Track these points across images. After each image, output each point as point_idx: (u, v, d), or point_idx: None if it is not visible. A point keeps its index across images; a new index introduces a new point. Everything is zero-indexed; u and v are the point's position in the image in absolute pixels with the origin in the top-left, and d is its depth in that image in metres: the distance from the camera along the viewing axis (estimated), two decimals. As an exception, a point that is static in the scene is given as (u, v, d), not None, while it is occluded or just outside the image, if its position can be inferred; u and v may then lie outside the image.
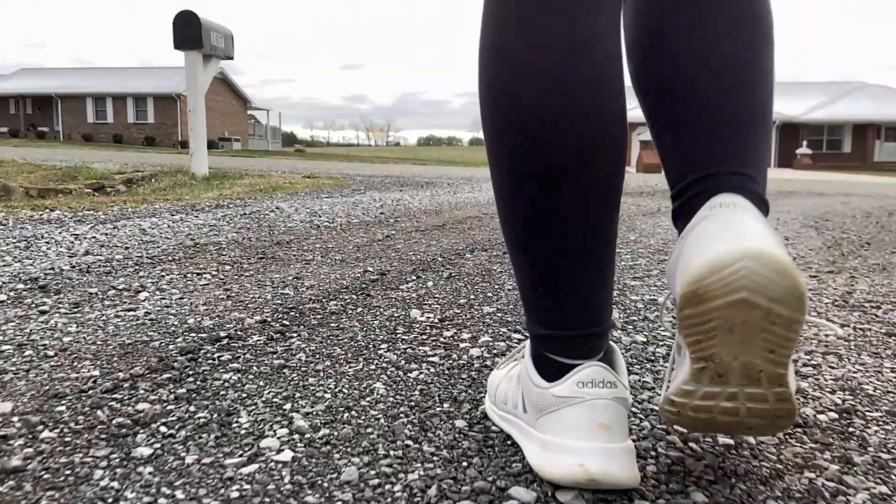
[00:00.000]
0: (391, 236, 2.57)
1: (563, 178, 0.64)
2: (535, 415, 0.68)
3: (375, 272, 1.79)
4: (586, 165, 0.64)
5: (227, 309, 1.34)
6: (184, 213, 2.94)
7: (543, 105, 0.63)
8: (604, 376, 0.64)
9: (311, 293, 1.51)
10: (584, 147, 0.63)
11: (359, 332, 1.20)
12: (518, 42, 0.64)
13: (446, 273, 1.81)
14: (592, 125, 0.63)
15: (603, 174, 0.65)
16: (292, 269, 1.81)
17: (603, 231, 0.67)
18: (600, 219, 0.66)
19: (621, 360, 0.70)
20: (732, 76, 0.68)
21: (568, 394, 0.64)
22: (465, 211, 3.69)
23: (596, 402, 0.63)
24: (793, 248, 2.64)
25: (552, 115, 0.63)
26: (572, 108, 0.63)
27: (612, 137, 0.64)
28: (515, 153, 0.65)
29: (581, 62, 0.63)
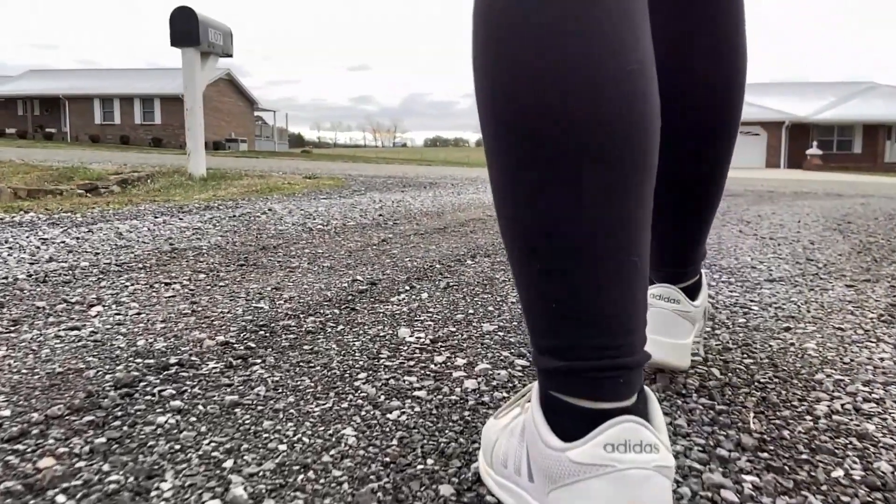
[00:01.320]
0: (387, 240, 2.39)
1: (587, 157, 0.48)
2: (545, 485, 0.50)
3: (365, 281, 1.62)
4: (618, 145, 0.48)
5: (188, 327, 1.17)
6: (168, 215, 2.78)
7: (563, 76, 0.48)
8: (641, 437, 0.47)
9: (288, 307, 1.34)
10: (614, 124, 0.48)
11: (335, 356, 1.02)
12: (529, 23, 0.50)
13: (443, 283, 1.63)
14: (621, 100, 0.48)
15: (637, 154, 0.49)
16: (273, 278, 1.63)
17: (637, 229, 0.50)
18: (634, 212, 0.50)
19: (658, 410, 0.52)
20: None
21: (592, 461, 0.47)
22: (468, 213, 3.51)
23: (632, 473, 0.46)
24: (820, 253, 2.45)
25: (573, 87, 0.47)
26: (598, 77, 0.48)
27: (646, 119, 0.49)
28: (526, 126, 0.49)
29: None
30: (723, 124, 0.84)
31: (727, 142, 0.86)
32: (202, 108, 5.58)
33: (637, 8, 0.50)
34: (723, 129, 0.84)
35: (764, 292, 1.66)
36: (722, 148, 0.86)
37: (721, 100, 0.83)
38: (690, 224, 0.90)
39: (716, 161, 0.87)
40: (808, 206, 4.94)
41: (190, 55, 5.46)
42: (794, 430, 0.81)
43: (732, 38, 0.81)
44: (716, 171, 0.88)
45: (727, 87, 0.82)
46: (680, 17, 0.79)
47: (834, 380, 1.00)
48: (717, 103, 0.83)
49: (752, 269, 2.02)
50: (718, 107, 0.83)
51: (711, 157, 0.86)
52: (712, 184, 0.89)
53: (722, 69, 0.82)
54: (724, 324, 1.32)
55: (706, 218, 0.92)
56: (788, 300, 1.57)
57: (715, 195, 0.90)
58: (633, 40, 0.49)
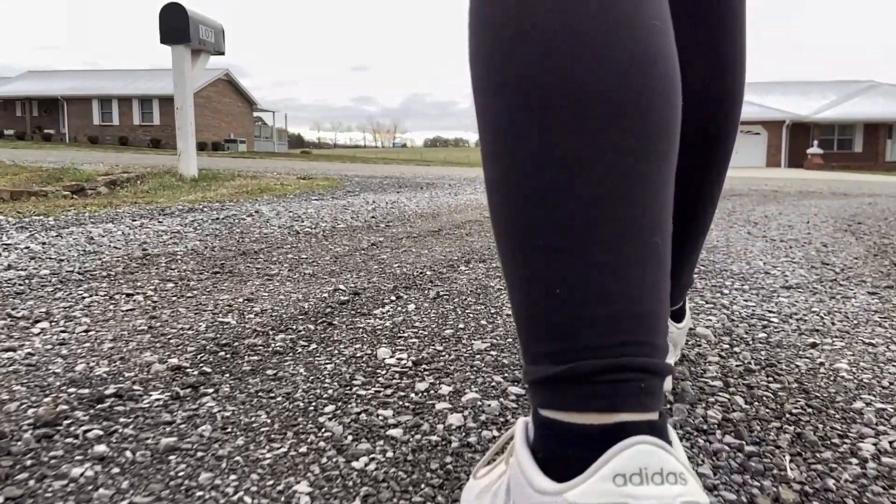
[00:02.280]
0: (377, 244, 2.26)
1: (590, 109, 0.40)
2: None
3: (348, 291, 1.48)
4: (641, 105, 0.40)
5: (140, 347, 1.03)
6: (147, 218, 2.65)
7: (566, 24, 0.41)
8: (662, 463, 0.34)
9: (258, 322, 1.20)
10: (633, 79, 0.40)
11: (302, 383, 0.89)
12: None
13: (433, 292, 1.50)
14: (634, 45, 0.41)
15: (661, 119, 0.41)
16: (247, 288, 1.50)
17: (659, 208, 0.42)
18: (655, 184, 0.41)
19: (675, 434, 0.40)
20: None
21: (599, 499, 0.34)
22: (464, 214, 3.37)
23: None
24: (835, 256, 2.31)
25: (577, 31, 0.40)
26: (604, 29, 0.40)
27: (668, 82, 0.42)
28: (533, 82, 0.41)
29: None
30: (723, 134, 0.79)
31: (724, 154, 0.80)
32: (193, 107, 5.45)
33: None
34: (721, 138, 0.79)
35: (782, 301, 1.52)
36: (718, 163, 0.80)
37: (719, 111, 0.78)
38: (680, 245, 0.72)
39: (709, 178, 0.81)
40: (815, 206, 4.81)
41: (180, 52, 5.33)
42: (840, 477, 0.67)
43: (731, 51, 0.76)
44: (709, 191, 0.81)
45: (724, 101, 0.78)
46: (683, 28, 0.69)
47: (875, 409, 0.86)
48: (716, 116, 0.78)
49: (766, 274, 1.89)
50: (717, 118, 0.78)
51: (705, 174, 0.80)
52: (706, 205, 0.82)
53: (721, 84, 0.77)
54: (743, 339, 1.18)
55: (696, 239, 0.84)
56: (809, 310, 1.44)
57: (706, 217, 0.84)
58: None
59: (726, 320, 1.33)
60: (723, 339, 1.17)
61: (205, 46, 5.54)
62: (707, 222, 0.85)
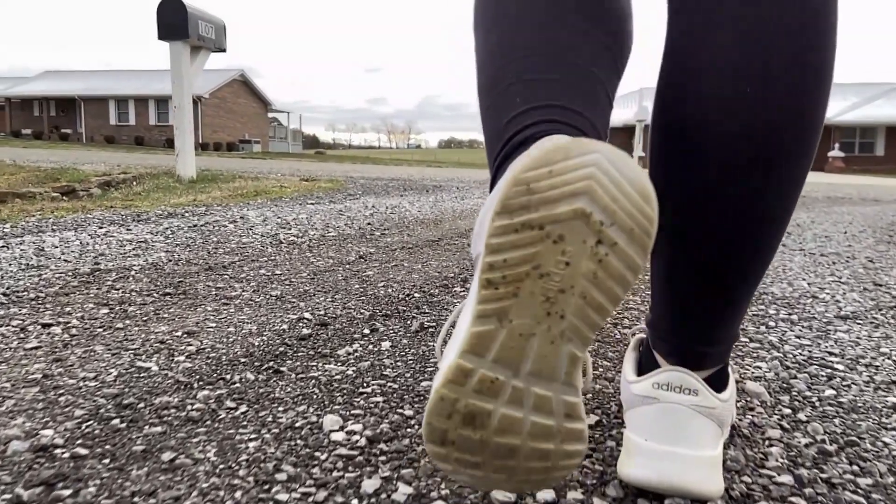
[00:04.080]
0: (366, 257, 2.01)
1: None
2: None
3: (314, 321, 1.23)
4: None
5: (14, 410, 0.79)
6: (117, 225, 2.41)
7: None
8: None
9: (185, 368, 0.95)
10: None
11: (203, 478, 0.64)
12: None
13: (417, 322, 1.24)
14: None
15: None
16: (195, 316, 1.25)
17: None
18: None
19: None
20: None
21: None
22: (469, 221, 3.11)
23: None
24: (886, 275, 2.02)
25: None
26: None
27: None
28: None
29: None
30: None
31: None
32: (191, 105, 5.24)
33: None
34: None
35: (841, 338, 1.25)
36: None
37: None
38: (732, 280, 0.62)
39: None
40: (848, 214, 4.48)
41: (178, 49, 5.12)
42: None
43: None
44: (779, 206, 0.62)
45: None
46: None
47: None
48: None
49: (814, 298, 1.61)
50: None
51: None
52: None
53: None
54: (807, 399, 0.91)
55: (756, 273, 0.63)
56: (877, 350, 1.17)
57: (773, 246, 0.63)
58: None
59: (780, 367, 1.05)
60: (781, 400, 0.90)
61: (205, 43, 5.32)
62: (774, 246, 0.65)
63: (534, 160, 0.42)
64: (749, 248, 0.59)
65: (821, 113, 0.54)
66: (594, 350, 1.10)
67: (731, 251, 0.59)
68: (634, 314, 1.39)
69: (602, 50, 0.58)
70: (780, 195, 0.56)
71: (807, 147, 0.55)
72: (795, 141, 0.54)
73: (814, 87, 0.53)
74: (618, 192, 0.41)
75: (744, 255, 0.59)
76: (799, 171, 0.56)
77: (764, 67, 0.51)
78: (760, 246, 0.59)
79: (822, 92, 0.53)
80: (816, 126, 0.55)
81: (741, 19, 0.52)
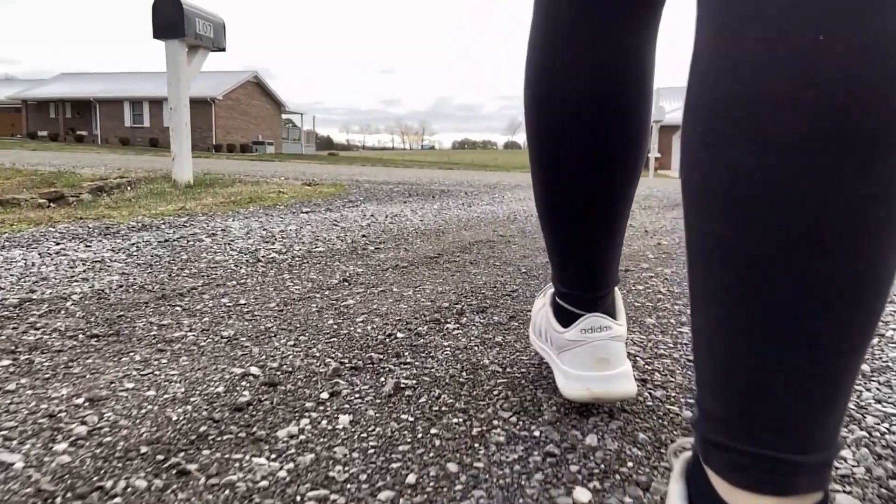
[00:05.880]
0: (352, 279, 1.75)
1: (578, 189, 0.77)
2: (556, 350, 0.87)
3: (262, 378, 0.97)
4: (599, 188, 0.77)
5: None
6: (78, 240, 2.18)
7: (561, 127, 0.74)
8: (601, 323, 0.81)
9: (61, 464, 0.70)
10: (593, 167, 0.75)
11: None
12: (543, 64, 0.74)
13: (393, 380, 0.98)
14: (604, 147, 0.74)
15: (609, 192, 0.77)
16: (114, 370, 1.00)
17: (614, 219, 0.80)
18: (607, 214, 0.79)
19: (621, 305, 0.87)
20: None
21: (575, 338, 0.82)
22: (475, 231, 2.85)
23: (596, 343, 0.81)
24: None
25: (569, 134, 0.74)
26: (583, 131, 0.73)
27: (619, 162, 0.76)
28: (542, 129, 0.76)
29: (596, 86, 0.72)
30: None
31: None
32: (188, 107, 5.02)
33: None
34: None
35: (940, 403, 0.96)
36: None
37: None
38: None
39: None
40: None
41: (174, 48, 4.90)
42: None
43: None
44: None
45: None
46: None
47: None
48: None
49: (884, 339, 1.32)
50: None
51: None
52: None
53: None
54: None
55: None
56: None
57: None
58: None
59: (870, 456, 0.78)
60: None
61: (202, 42, 5.11)
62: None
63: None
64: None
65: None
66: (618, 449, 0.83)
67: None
68: (660, 373, 1.11)
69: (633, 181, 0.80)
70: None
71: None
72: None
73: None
74: None
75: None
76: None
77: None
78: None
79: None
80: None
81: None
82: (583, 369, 0.81)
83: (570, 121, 0.73)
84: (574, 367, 0.82)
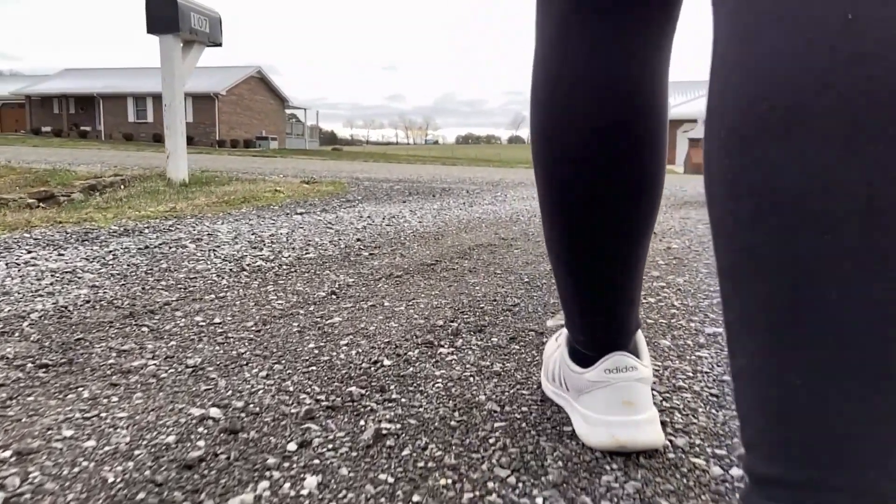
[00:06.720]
0: (341, 291, 1.62)
1: (588, 216, 0.69)
2: (575, 393, 0.80)
3: (223, 422, 0.84)
4: (609, 206, 0.68)
5: None
6: (52, 248, 2.05)
7: (571, 142, 0.67)
8: (626, 363, 0.74)
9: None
10: (604, 185, 0.67)
11: None
12: (554, 74, 0.67)
13: (374, 424, 0.85)
14: (616, 166, 0.66)
15: (622, 213, 0.69)
16: (55, 412, 0.87)
17: (632, 261, 0.72)
18: (627, 250, 0.71)
19: (644, 346, 0.78)
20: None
21: (598, 378, 0.75)
22: (475, 234, 2.72)
23: (621, 384, 0.74)
24: None
25: (581, 141, 0.66)
26: (593, 146, 0.66)
27: (634, 181, 0.68)
28: (551, 171, 0.69)
29: (605, 98, 0.65)
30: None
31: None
32: (183, 104, 4.90)
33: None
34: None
35: None
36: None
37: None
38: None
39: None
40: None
41: (168, 43, 4.77)
42: None
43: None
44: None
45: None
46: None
47: None
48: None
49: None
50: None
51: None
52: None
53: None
54: None
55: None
56: None
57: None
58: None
59: None
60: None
61: (198, 37, 4.98)
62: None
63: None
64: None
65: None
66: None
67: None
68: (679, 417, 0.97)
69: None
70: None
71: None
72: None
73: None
74: None
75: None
76: None
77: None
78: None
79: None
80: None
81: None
82: (607, 413, 0.75)
83: (582, 148, 0.67)
84: (597, 410, 0.76)
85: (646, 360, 0.77)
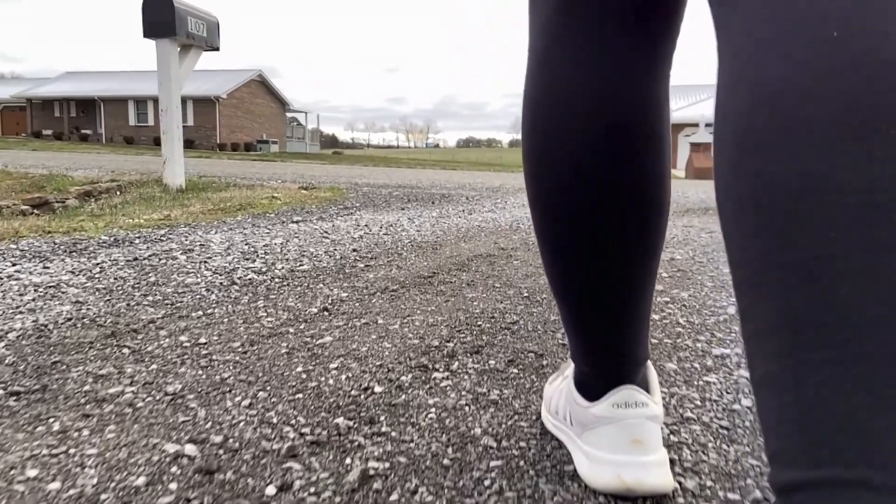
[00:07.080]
0: (333, 307, 1.56)
1: (587, 232, 0.64)
2: (579, 429, 0.75)
3: (198, 461, 0.79)
4: (611, 223, 0.63)
5: None
6: (38, 260, 2.00)
7: (567, 159, 0.62)
8: (636, 398, 0.70)
9: None
10: (607, 202, 0.62)
11: None
12: (544, 92, 0.63)
13: (359, 464, 0.79)
14: (617, 180, 0.62)
15: (628, 231, 0.64)
16: (20, 449, 0.81)
17: (637, 287, 0.68)
18: (633, 274, 0.67)
19: (655, 380, 0.73)
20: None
21: (605, 414, 0.70)
22: (475, 243, 2.66)
23: (630, 421, 0.69)
24: None
25: (576, 167, 0.62)
26: (593, 162, 0.61)
27: (639, 196, 0.63)
28: (546, 201, 0.65)
29: (602, 113, 0.61)
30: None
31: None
32: (180, 108, 4.85)
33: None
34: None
35: None
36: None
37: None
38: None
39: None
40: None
41: (165, 47, 4.73)
42: None
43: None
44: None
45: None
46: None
47: None
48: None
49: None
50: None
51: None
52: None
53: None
54: None
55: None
56: None
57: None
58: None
59: None
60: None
61: (195, 41, 4.93)
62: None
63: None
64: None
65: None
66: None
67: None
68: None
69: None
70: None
71: None
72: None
73: None
74: None
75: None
76: None
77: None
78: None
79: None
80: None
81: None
82: (613, 452, 0.70)
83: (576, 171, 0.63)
84: (602, 448, 0.71)
85: (656, 396, 0.72)
